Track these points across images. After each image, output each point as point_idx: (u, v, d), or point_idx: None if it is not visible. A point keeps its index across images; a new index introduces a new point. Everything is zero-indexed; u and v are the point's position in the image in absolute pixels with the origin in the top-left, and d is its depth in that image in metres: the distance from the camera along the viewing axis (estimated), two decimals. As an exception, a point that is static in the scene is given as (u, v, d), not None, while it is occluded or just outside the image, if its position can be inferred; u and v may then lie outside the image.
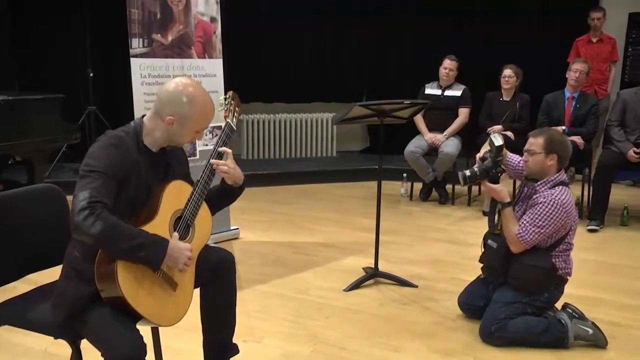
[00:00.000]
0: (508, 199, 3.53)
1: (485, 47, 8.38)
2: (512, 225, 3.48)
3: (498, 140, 3.53)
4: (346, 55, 8.74)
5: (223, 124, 2.73)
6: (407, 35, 8.66)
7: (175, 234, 2.43)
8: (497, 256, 3.62)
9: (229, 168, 2.60)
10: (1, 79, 6.98)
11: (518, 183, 3.84)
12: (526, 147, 3.56)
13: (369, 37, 8.75)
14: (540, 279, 3.49)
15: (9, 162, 6.82)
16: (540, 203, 3.42)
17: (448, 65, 6.70)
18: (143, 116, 2.52)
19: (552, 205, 3.39)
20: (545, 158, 3.48)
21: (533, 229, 3.40)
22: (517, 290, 3.53)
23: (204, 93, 2.49)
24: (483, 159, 3.65)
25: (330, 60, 8.73)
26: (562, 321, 3.51)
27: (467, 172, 3.54)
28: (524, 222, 3.45)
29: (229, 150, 2.63)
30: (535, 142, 3.51)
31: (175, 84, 2.45)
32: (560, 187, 3.47)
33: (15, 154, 5.50)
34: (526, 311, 3.53)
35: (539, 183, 3.53)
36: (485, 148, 3.72)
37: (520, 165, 3.68)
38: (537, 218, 3.40)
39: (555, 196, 3.41)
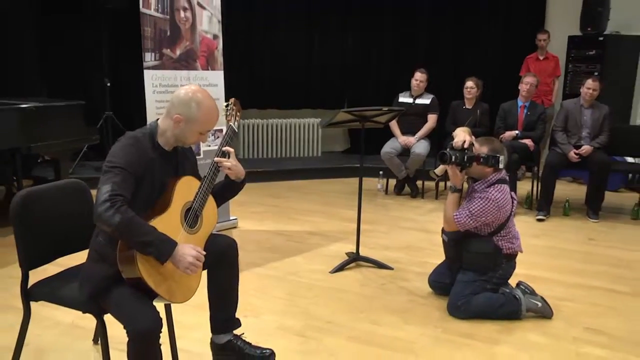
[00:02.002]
0: (459, 187, 3.59)
1: (450, 62, 8.42)
2: (451, 208, 3.57)
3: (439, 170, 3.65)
4: (330, 68, 8.73)
5: (225, 127, 2.73)
6: (384, 51, 8.67)
7: (183, 230, 2.43)
8: (449, 247, 3.73)
9: (231, 165, 2.61)
10: (32, 88, 6.93)
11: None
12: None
13: (350, 52, 8.75)
14: (488, 261, 3.57)
15: (38, 161, 6.76)
16: (477, 197, 3.50)
17: (419, 77, 6.72)
18: (158, 119, 2.53)
19: (486, 200, 3.46)
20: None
21: (467, 214, 3.48)
22: (475, 270, 3.60)
23: (210, 100, 2.49)
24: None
25: (316, 72, 8.70)
26: (517, 296, 3.57)
27: (451, 152, 3.48)
28: (462, 208, 3.54)
29: (232, 150, 2.64)
30: (479, 149, 3.55)
31: (186, 91, 2.46)
32: (498, 185, 3.52)
33: (44, 153, 5.46)
34: (486, 287, 3.58)
35: (477, 183, 3.59)
36: (441, 167, 3.73)
37: None
38: (472, 208, 3.48)
39: (490, 193, 3.47)
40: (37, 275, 2.59)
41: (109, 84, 7.16)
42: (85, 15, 7.13)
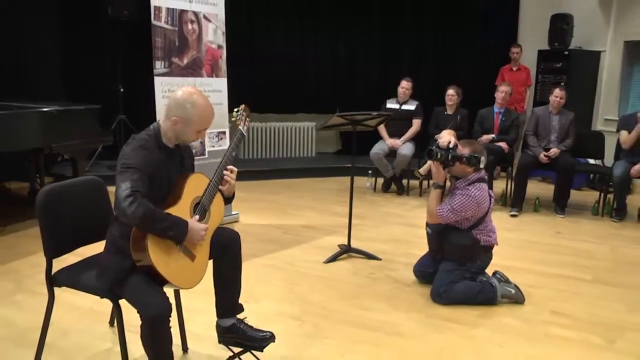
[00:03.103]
0: (441, 183, 3.60)
1: (433, 71, 8.43)
2: (434, 203, 3.58)
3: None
4: (323, 76, 8.73)
5: (228, 130, 2.72)
6: (373, 61, 8.68)
7: (196, 216, 2.44)
8: (432, 239, 3.74)
9: (232, 179, 2.62)
10: (53, 93, 6.90)
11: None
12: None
13: (342, 62, 8.74)
14: (467, 252, 3.59)
15: (58, 159, 6.73)
16: (459, 194, 3.51)
17: (405, 85, 6.73)
18: (159, 120, 2.51)
19: (467, 197, 3.48)
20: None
21: (449, 208, 3.50)
22: (455, 261, 3.61)
23: (204, 100, 2.46)
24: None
25: (310, 79, 8.69)
26: (493, 284, 3.59)
27: (437, 150, 3.49)
28: (444, 203, 3.56)
29: (235, 169, 2.63)
30: (462, 150, 3.56)
31: (182, 92, 2.44)
32: (478, 183, 3.53)
33: (64, 152, 5.43)
34: (465, 276, 3.60)
35: (459, 181, 3.61)
36: (425, 166, 3.77)
37: None
38: (454, 203, 3.49)
39: (470, 191, 3.49)
40: (58, 263, 2.58)
41: (122, 90, 7.14)
42: (102, 26, 7.10)
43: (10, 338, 3.00)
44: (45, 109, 4.87)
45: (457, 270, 3.59)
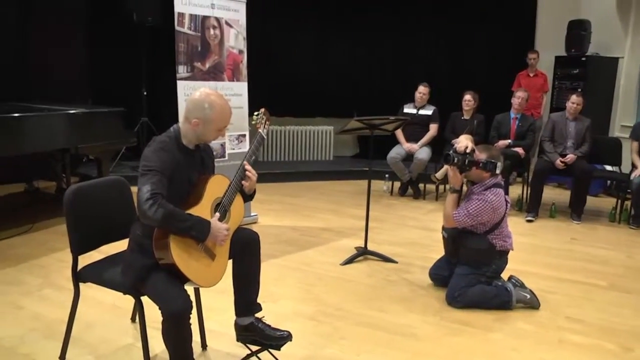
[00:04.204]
0: (458, 188, 3.59)
1: (450, 76, 8.40)
2: (450, 207, 3.57)
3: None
4: (341, 81, 8.74)
5: (248, 133, 2.74)
6: (391, 66, 8.68)
7: (217, 214, 2.46)
8: (448, 243, 3.73)
9: (254, 177, 2.64)
10: (80, 96, 7.02)
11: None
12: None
13: (359, 67, 8.76)
14: (482, 256, 3.57)
15: (83, 160, 6.82)
16: (475, 199, 3.50)
17: (422, 90, 6.73)
18: (179, 122, 2.55)
19: (483, 202, 3.46)
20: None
21: (465, 213, 3.49)
22: (471, 265, 3.60)
23: (221, 99, 2.49)
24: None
25: (328, 84, 8.70)
26: (508, 289, 3.57)
27: (454, 155, 3.48)
28: (461, 208, 3.54)
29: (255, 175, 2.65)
30: (479, 156, 3.55)
31: (199, 94, 2.47)
32: (494, 189, 3.52)
33: (89, 153, 5.52)
34: (480, 280, 3.59)
35: (475, 185, 3.60)
36: (442, 171, 3.76)
37: None
38: (470, 208, 3.48)
39: (487, 196, 3.48)
40: (83, 260, 2.63)
41: (145, 93, 7.23)
42: (127, 32, 7.19)
43: (39, 330, 3.06)
44: (72, 111, 4.95)
45: (472, 274, 3.58)
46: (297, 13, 8.42)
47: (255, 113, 2.85)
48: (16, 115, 4.45)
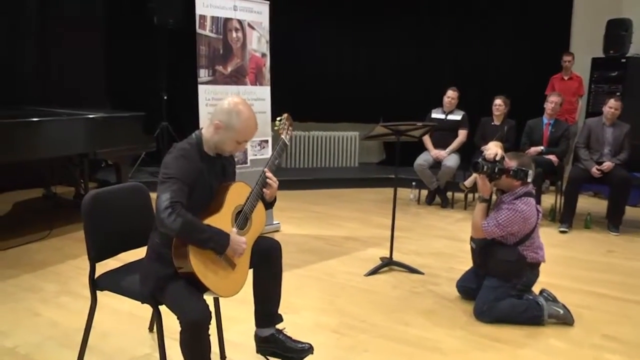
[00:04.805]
0: (487, 197, 3.55)
1: (480, 80, 8.35)
2: (479, 217, 3.53)
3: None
4: (366, 85, 8.76)
5: (270, 139, 2.77)
6: (418, 69, 8.66)
7: (233, 230, 2.48)
8: (476, 254, 3.70)
9: (275, 184, 2.66)
10: (99, 100, 7.15)
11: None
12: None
13: (385, 70, 8.77)
14: (512, 269, 3.52)
15: (102, 165, 6.96)
16: (505, 208, 3.46)
17: (451, 95, 6.71)
18: (201, 128, 2.58)
19: (513, 212, 3.42)
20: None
21: (494, 223, 3.45)
22: (500, 277, 3.56)
23: (250, 112, 2.51)
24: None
25: (354, 88, 8.74)
26: (539, 303, 3.52)
27: (483, 162, 3.44)
28: (490, 217, 3.50)
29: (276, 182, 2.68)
30: (509, 163, 3.52)
31: (229, 101, 2.50)
32: (525, 198, 3.48)
33: (108, 158, 5.64)
34: (510, 294, 3.54)
35: (505, 194, 3.56)
36: (471, 179, 3.72)
37: None
38: (500, 218, 3.45)
39: (517, 205, 3.44)
40: (101, 267, 2.67)
41: (165, 97, 7.33)
42: (147, 35, 7.30)
43: (55, 338, 3.12)
44: (91, 116, 5.05)
45: (501, 287, 3.54)
46: (321, 15, 8.48)
47: (278, 118, 2.87)
48: (35, 119, 4.56)
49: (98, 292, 2.66)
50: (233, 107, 2.47)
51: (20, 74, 6.48)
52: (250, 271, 2.67)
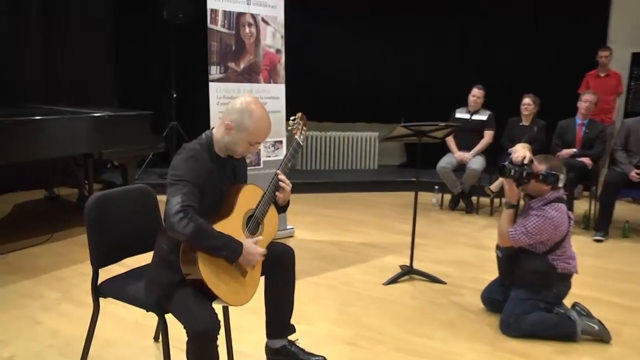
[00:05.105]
0: (514, 202, 3.52)
1: (507, 77, 8.28)
2: (506, 224, 3.50)
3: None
4: (387, 83, 8.76)
5: (285, 139, 2.78)
6: (439, 66, 8.63)
7: (244, 236, 2.50)
8: (503, 264, 3.67)
9: (288, 188, 2.67)
10: (106, 98, 7.22)
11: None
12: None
13: (406, 68, 8.75)
14: (541, 279, 3.48)
15: (107, 166, 7.02)
16: (534, 215, 3.43)
17: (476, 94, 6.69)
18: (212, 128, 2.60)
19: (542, 218, 3.39)
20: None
21: (522, 230, 3.41)
22: (528, 288, 3.53)
23: (263, 112, 2.52)
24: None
25: (373, 86, 8.74)
26: (572, 317, 3.47)
27: (510, 166, 3.41)
28: (517, 224, 3.47)
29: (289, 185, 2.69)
30: (538, 167, 3.49)
31: (242, 100, 2.52)
32: (555, 203, 3.44)
33: (114, 159, 5.69)
34: (539, 307, 3.50)
35: (534, 200, 3.52)
36: (497, 183, 3.70)
37: None
38: (528, 225, 3.41)
39: (547, 212, 3.40)
40: (105, 273, 2.70)
41: (175, 95, 7.39)
42: (156, 30, 7.36)
43: (55, 347, 3.15)
44: (96, 114, 5.10)
45: (530, 300, 3.51)
46: (339, 10, 8.48)
47: (292, 118, 2.89)
48: (37, 118, 4.61)
49: (102, 300, 2.69)
50: (245, 106, 2.49)
51: (23, 71, 6.55)
52: (262, 278, 2.69)
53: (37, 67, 6.69)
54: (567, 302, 3.61)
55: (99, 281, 2.67)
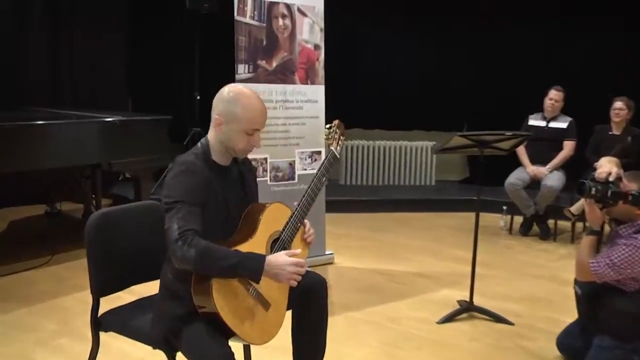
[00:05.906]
0: (597, 228, 3.42)
1: (592, 78, 8.14)
2: (586, 253, 3.38)
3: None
4: (447, 84, 8.72)
5: (323, 150, 2.79)
6: (511, 65, 8.55)
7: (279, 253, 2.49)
8: (582, 303, 3.58)
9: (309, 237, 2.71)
10: (118, 100, 7.35)
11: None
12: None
13: (471, 66, 8.71)
14: (632, 325, 3.36)
15: (119, 178, 7.15)
16: (622, 244, 3.30)
17: (554, 96, 6.59)
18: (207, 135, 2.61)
19: (633, 249, 3.26)
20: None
21: (607, 262, 3.28)
22: (615, 335, 3.43)
23: (251, 92, 2.54)
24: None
25: (430, 88, 8.71)
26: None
27: (592, 184, 3.36)
28: (601, 255, 3.35)
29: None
30: (628, 185, 3.39)
31: (225, 88, 2.54)
32: None
33: (126, 170, 5.78)
34: (631, 358, 3.40)
35: (622, 226, 3.41)
36: (580, 204, 3.61)
37: None
38: (614, 256, 3.28)
39: (638, 241, 3.28)
40: (110, 302, 2.73)
41: (198, 98, 7.46)
42: (177, 22, 7.48)
43: (51, 389, 3.21)
44: (106, 119, 5.20)
45: (618, 349, 3.40)
46: (389, 1, 8.48)
47: (327, 126, 2.89)
48: (37, 123, 4.72)
49: (105, 334, 2.71)
50: (228, 92, 2.51)
51: (27, 69, 6.73)
52: (289, 313, 2.68)
53: (41, 65, 6.86)
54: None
55: (101, 312, 2.70)
